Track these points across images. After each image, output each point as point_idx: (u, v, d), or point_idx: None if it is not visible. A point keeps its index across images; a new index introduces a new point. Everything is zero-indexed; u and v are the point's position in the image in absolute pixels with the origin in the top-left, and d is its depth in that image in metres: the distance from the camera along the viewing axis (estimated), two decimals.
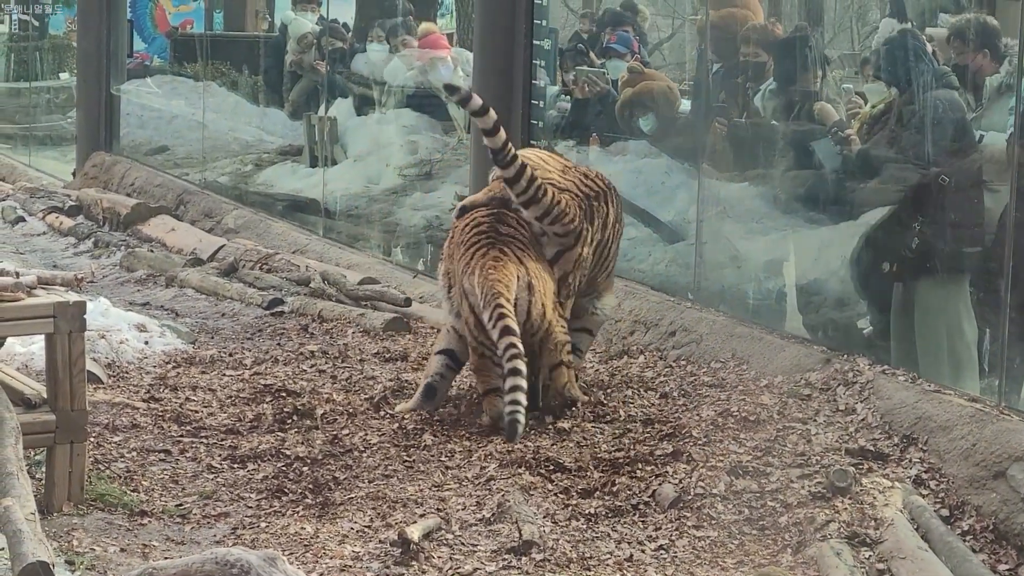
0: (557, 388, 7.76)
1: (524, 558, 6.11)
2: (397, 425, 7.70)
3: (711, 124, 9.59)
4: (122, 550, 6.18)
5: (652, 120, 10.47)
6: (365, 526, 6.48)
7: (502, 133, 7.66)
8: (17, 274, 6.78)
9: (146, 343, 9.12)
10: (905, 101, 8.22)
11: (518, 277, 7.54)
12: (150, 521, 6.59)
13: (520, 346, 7.39)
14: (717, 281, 9.18)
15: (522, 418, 7.34)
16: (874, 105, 8.77)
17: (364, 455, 7.38)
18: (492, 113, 7.71)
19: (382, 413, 7.94)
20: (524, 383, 7.38)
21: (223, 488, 7.00)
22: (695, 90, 10.35)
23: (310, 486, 6.97)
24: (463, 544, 6.29)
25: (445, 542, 6.29)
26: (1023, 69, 7.24)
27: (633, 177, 10.36)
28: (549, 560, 6.10)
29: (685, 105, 10.52)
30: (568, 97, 11.41)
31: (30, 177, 16.91)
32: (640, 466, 7.00)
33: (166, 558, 5.78)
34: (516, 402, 7.35)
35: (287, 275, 10.97)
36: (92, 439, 7.17)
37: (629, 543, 6.34)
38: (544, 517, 6.53)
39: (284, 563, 5.11)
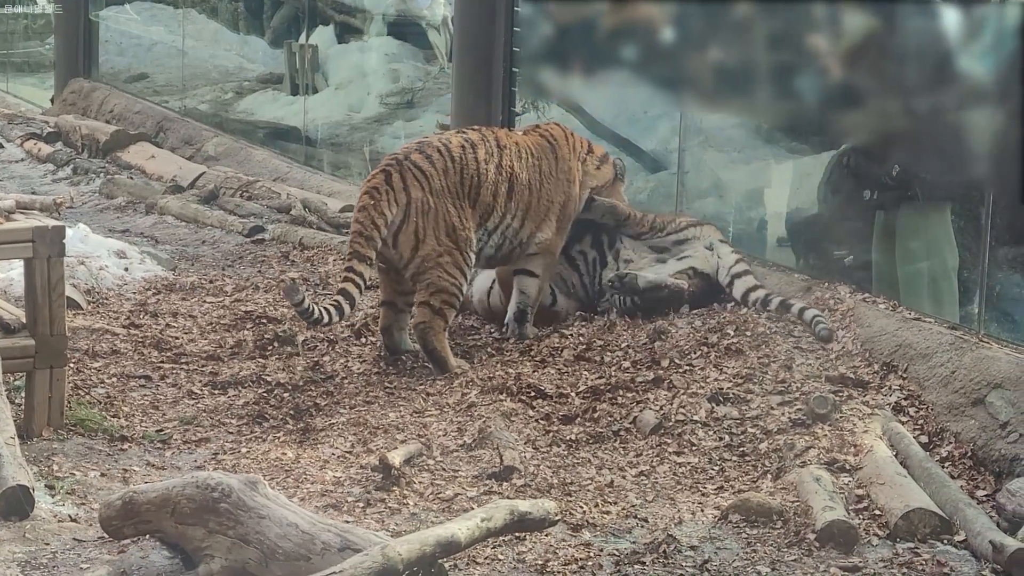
0: (414, 323, 7.60)
1: (505, 483, 6.13)
2: (378, 352, 7.70)
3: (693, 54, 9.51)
4: (102, 475, 6.19)
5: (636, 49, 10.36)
6: (346, 451, 6.49)
7: None
8: None
9: (126, 270, 9.09)
10: (887, 31, 8.17)
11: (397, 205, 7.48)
12: (130, 446, 6.59)
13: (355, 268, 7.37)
14: (698, 210, 9.16)
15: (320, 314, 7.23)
16: (856, 36, 8.71)
17: (345, 381, 7.39)
18: None
19: (363, 340, 7.94)
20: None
21: (204, 414, 7.00)
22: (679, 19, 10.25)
23: (291, 412, 6.97)
24: (444, 470, 6.30)
25: (426, 468, 6.31)
26: None
27: (615, 106, 10.31)
28: (530, 485, 6.12)
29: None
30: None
31: (8, 103, 16.78)
32: (621, 393, 7.01)
33: (147, 483, 5.78)
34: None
35: (268, 202, 10.93)
36: (72, 364, 7.15)
37: (610, 469, 6.35)
38: (525, 443, 6.54)
39: (265, 487, 5.10)
